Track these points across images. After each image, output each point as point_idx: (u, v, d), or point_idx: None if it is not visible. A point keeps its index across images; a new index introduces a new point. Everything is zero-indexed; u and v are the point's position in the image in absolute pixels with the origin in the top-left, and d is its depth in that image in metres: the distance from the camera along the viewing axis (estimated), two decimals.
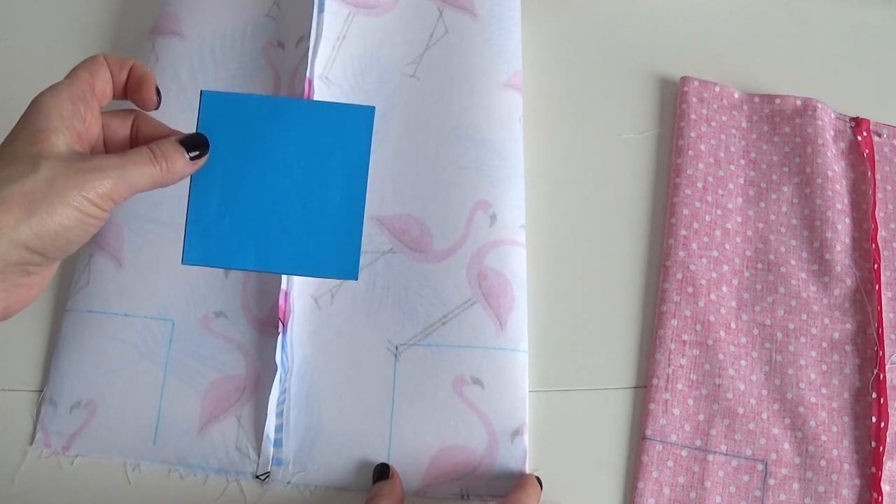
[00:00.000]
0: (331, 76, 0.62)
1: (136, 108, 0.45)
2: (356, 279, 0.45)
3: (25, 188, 0.37)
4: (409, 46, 0.64)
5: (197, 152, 0.43)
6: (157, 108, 0.44)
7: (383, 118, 0.62)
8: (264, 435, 0.53)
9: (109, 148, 0.44)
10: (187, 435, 0.54)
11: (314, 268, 0.45)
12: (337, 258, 0.45)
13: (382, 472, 0.52)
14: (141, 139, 0.44)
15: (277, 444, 0.53)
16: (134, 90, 0.44)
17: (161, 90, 0.62)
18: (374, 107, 0.46)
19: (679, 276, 0.59)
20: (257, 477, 0.53)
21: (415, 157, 0.60)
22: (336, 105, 0.46)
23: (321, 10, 0.61)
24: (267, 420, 0.53)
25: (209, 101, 0.45)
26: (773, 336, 0.58)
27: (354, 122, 0.45)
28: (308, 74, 0.60)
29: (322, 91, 0.61)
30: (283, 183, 0.45)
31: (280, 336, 0.54)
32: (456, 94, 0.62)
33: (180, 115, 0.62)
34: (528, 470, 0.54)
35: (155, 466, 0.54)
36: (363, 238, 0.58)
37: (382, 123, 0.61)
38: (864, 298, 0.59)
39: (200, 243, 0.44)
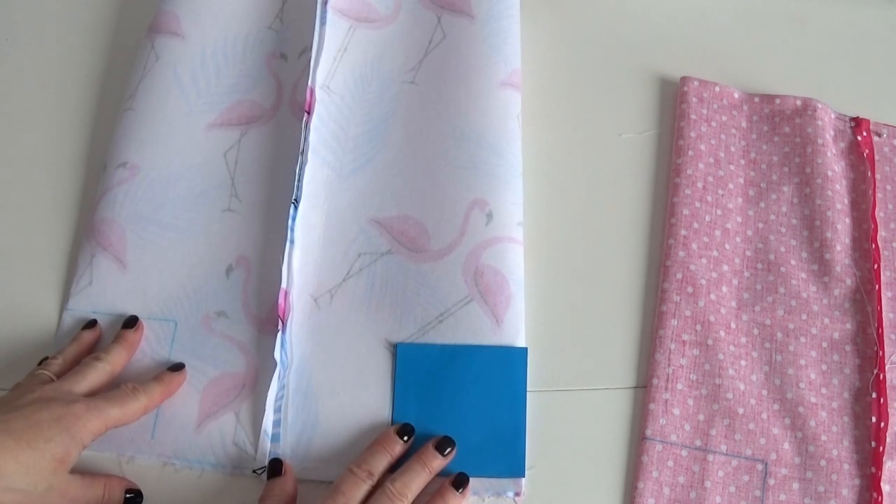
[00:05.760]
0: (332, 86, 0.62)
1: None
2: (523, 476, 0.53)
3: None
4: (408, 55, 0.65)
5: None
6: None
7: (383, 124, 0.62)
8: (262, 430, 0.53)
9: None
10: (185, 430, 0.54)
11: (484, 469, 0.53)
12: (504, 462, 0.53)
13: (275, 468, 0.51)
14: None
15: (275, 438, 0.53)
16: None
17: (162, 90, 0.62)
18: (526, 347, 0.55)
19: (679, 276, 0.59)
20: (254, 472, 0.53)
21: (413, 160, 0.61)
22: (494, 348, 0.55)
23: (322, 23, 0.63)
24: (265, 415, 0.53)
25: (403, 351, 0.55)
26: (773, 336, 0.58)
27: (511, 359, 0.55)
28: (310, 84, 0.61)
29: (324, 100, 0.61)
30: (460, 402, 0.54)
31: (279, 334, 0.54)
32: (453, 95, 0.62)
33: (182, 119, 0.62)
34: (527, 470, 0.54)
35: (152, 460, 0.54)
36: (363, 240, 0.58)
37: (382, 130, 0.62)
38: (864, 298, 0.59)
39: None
